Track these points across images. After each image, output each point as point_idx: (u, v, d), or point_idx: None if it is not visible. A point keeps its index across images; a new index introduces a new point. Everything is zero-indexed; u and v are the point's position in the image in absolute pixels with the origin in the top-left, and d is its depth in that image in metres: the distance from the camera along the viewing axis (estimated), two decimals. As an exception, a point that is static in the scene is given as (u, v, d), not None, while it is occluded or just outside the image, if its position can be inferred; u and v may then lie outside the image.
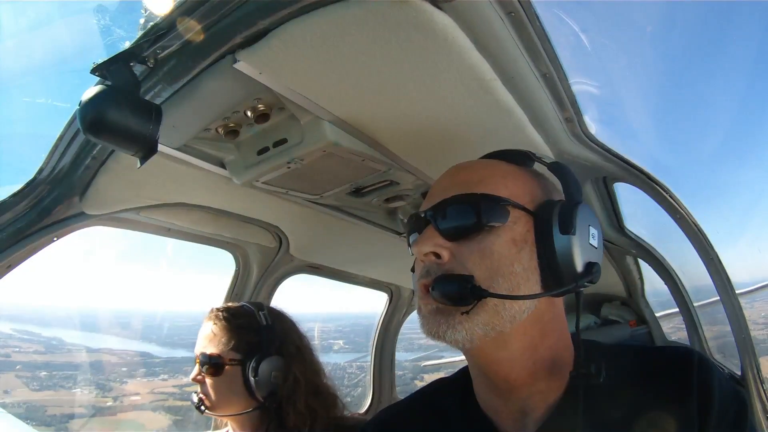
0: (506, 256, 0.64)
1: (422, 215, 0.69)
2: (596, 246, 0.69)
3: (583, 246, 0.66)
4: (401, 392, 2.97)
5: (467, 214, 0.65)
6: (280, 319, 1.37)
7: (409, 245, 0.74)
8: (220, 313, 1.31)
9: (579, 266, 0.65)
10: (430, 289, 0.64)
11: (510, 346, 0.66)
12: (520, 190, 0.69)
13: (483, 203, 0.65)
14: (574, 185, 0.71)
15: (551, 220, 0.65)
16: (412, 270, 0.79)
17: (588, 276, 0.65)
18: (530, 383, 0.68)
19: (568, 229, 0.65)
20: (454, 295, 0.62)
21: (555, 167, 0.74)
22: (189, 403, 1.32)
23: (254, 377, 1.23)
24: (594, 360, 0.66)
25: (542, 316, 0.67)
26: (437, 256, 0.65)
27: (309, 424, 1.23)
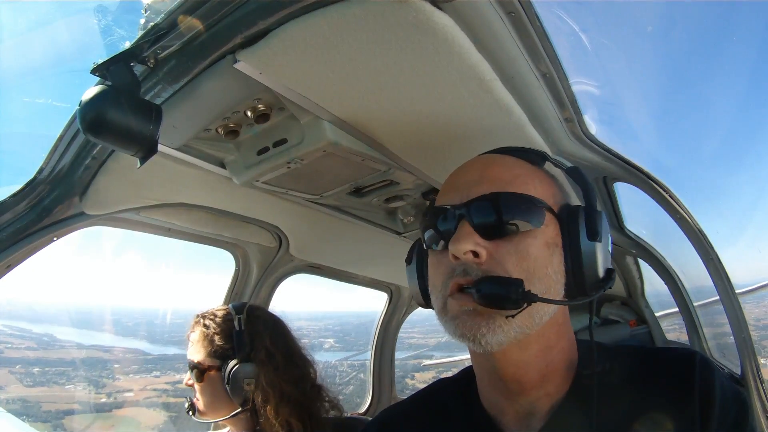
0: (541, 258, 0.64)
1: (453, 210, 0.66)
2: (611, 252, 0.70)
3: (605, 253, 0.67)
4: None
5: (508, 215, 0.64)
6: (255, 322, 1.33)
7: (424, 240, 0.72)
8: (201, 319, 1.33)
9: (601, 272, 0.65)
10: (473, 290, 0.60)
11: (529, 349, 0.66)
12: (545, 192, 0.68)
13: (523, 204, 0.64)
14: (593, 191, 0.71)
15: (578, 226, 0.66)
16: (408, 261, 0.78)
17: (609, 282, 0.66)
18: (540, 385, 0.68)
19: (594, 235, 0.65)
20: (503, 298, 0.59)
21: (573, 172, 0.74)
22: (183, 399, 1.33)
23: (227, 384, 1.24)
24: (598, 362, 0.67)
25: (558, 319, 0.68)
26: (475, 254, 0.63)
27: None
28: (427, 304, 0.76)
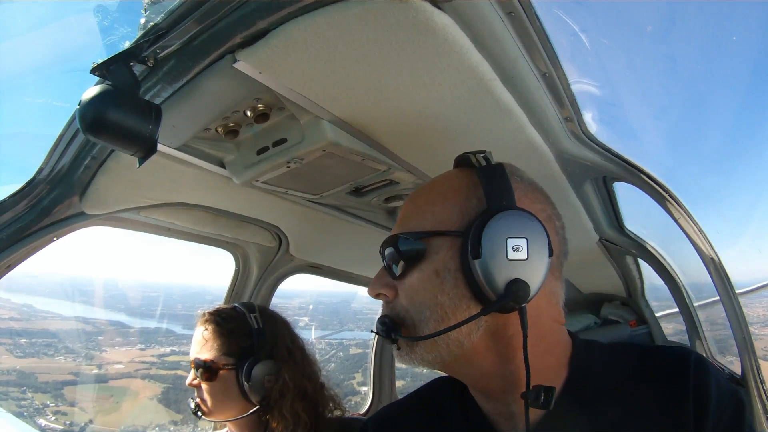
0: (429, 289, 0.65)
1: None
2: (523, 257, 0.61)
3: (496, 265, 0.60)
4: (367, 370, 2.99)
5: (394, 256, 0.69)
6: (271, 320, 1.35)
7: None
8: (211, 317, 1.30)
9: (498, 287, 0.60)
10: None
11: (476, 364, 0.67)
12: (450, 211, 0.67)
13: (401, 243, 0.68)
14: (497, 191, 0.65)
15: (466, 243, 0.62)
16: None
17: (507, 297, 0.60)
18: (512, 390, 0.67)
19: (475, 252, 0.61)
20: (383, 335, 0.68)
21: (479, 172, 0.69)
22: (172, 372, 1.32)
23: (247, 381, 1.22)
24: (593, 361, 0.68)
25: (504, 331, 0.65)
26: (386, 295, 0.71)
27: (291, 428, 1.22)
28: None
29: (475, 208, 0.66)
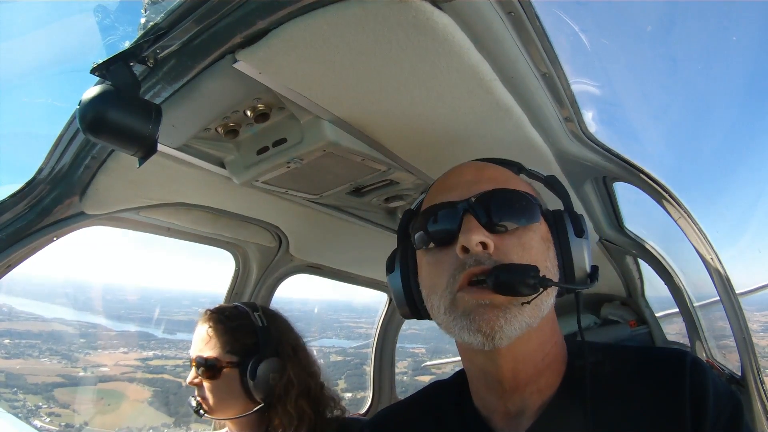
0: (541, 251, 0.67)
1: (457, 206, 0.67)
2: (589, 250, 0.74)
3: (589, 250, 0.71)
4: (351, 375, 2.96)
5: (513, 210, 0.67)
6: (275, 319, 1.35)
7: (415, 243, 0.73)
8: (215, 315, 1.29)
9: (588, 267, 0.70)
10: (490, 278, 0.60)
11: (530, 342, 0.67)
12: (531, 193, 0.74)
13: (523, 201, 0.68)
14: (569, 198, 0.77)
15: (565, 224, 0.71)
16: (390, 269, 0.81)
17: (596, 276, 0.71)
18: (535, 380, 0.69)
19: (581, 233, 0.71)
20: (521, 283, 0.59)
21: (551, 181, 0.79)
22: (159, 376, 1.32)
23: (252, 379, 1.22)
24: (593, 358, 0.68)
25: (551, 314, 0.70)
26: (483, 247, 0.63)
27: (295, 425, 1.22)
28: (413, 313, 0.76)
29: (539, 202, 0.73)
